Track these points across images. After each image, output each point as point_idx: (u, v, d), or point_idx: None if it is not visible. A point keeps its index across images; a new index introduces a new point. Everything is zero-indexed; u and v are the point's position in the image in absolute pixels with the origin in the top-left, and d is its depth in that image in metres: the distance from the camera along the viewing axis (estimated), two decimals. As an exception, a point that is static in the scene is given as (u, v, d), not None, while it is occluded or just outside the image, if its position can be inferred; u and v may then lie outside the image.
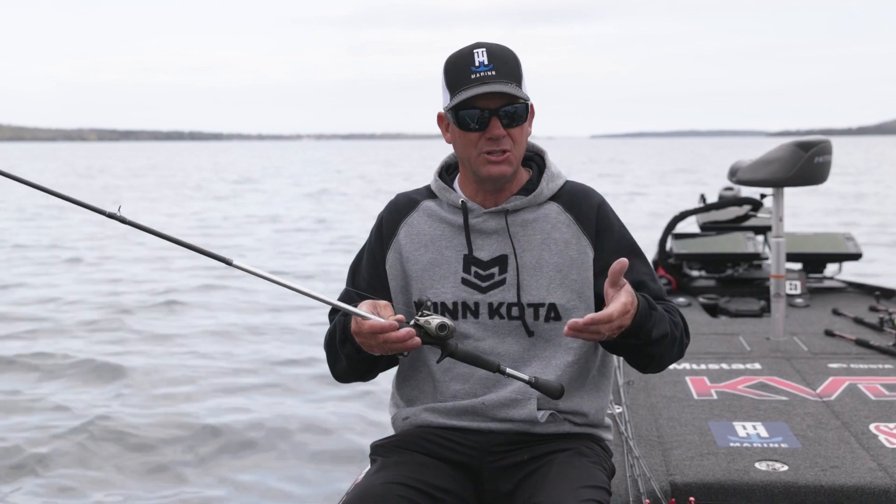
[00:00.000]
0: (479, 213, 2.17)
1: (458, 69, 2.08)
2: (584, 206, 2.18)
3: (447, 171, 2.27)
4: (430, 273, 2.17)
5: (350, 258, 2.37)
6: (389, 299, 2.18)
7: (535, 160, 2.25)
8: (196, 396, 6.26)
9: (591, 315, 1.89)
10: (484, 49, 2.07)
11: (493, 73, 2.05)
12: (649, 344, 2.05)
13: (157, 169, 57.30)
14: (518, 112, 2.08)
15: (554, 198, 2.19)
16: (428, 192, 2.26)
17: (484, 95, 2.05)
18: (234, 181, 39.37)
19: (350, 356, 2.12)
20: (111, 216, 1.90)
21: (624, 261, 1.94)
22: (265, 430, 5.48)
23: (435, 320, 1.93)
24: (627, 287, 1.96)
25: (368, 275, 2.25)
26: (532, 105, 2.15)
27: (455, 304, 2.15)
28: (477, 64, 2.06)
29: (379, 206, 2.37)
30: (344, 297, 2.17)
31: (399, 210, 2.25)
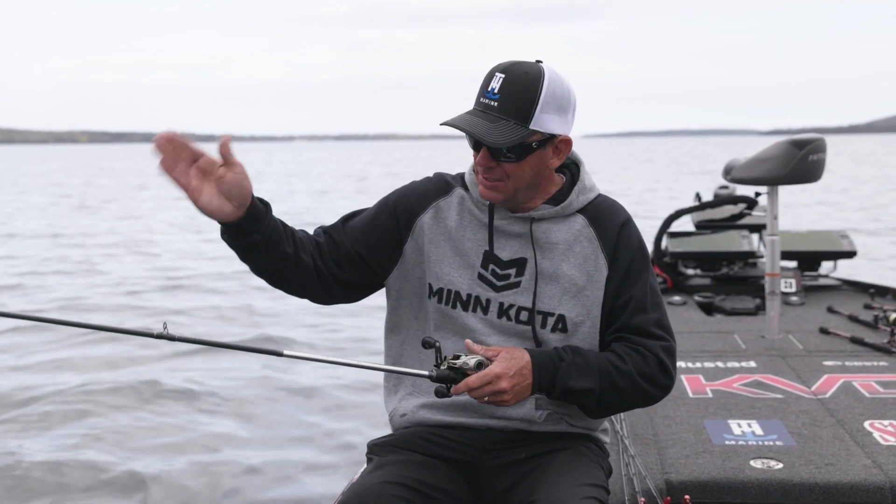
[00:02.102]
0: (505, 216, 2.16)
1: (482, 86, 2.07)
2: (609, 224, 2.16)
3: None
4: (450, 261, 2.17)
5: None
6: (369, 253, 2.18)
7: (571, 169, 2.23)
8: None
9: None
10: (503, 76, 2.03)
11: (496, 104, 2.03)
12: (569, 396, 2.06)
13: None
14: (504, 152, 2.04)
15: (582, 210, 2.17)
16: (463, 181, 2.25)
17: None
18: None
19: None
20: (160, 336, 1.91)
21: (468, 342, 2.01)
22: (260, 428, 5.47)
23: (472, 360, 1.98)
24: (505, 354, 2.00)
25: (362, 225, 2.21)
26: (566, 139, 2.10)
27: (469, 296, 2.15)
28: (489, 89, 2.04)
29: None
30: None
31: (435, 189, 2.23)
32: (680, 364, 4.01)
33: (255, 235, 2.01)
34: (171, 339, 1.92)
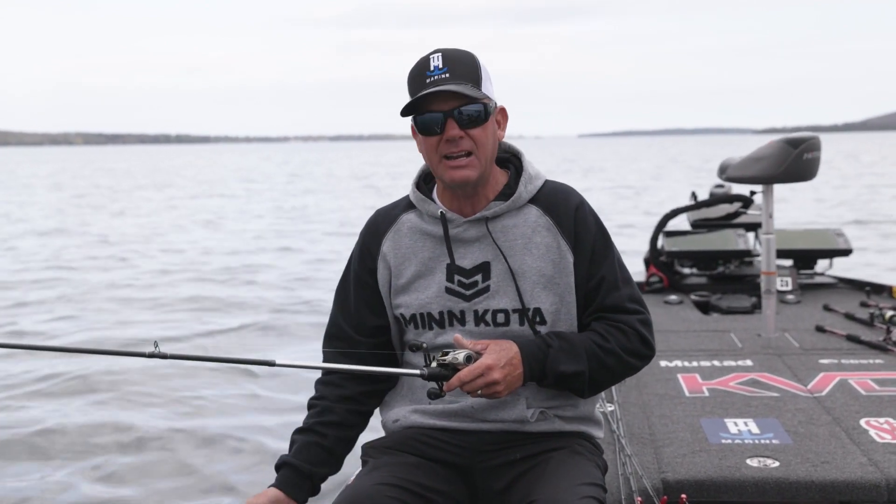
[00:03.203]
0: (459, 223, 2.16)
1: (416, 76, 2.09)
2: (563, 209, 2.17)
3: (425, 181, 2.27)
4: (416, 285, 2.18)
5: None
6: (378, 319, 2.23)
7: (513, 161, 2.23)
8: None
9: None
10: (439, 54, 2.07)
11: (447, 75, 2.05)
12: (561, 381, 2.08)
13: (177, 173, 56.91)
14: (475, 112, 2.06)
15: (533, 200, 2.18)
16: (407, 205, 2.26)
17: (439, 99, 2.05)
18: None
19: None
20: (151, 356, 1.93)
21: (458, 337, 2.04)
22: (253, 429, 5.46)
23: (461, 354, 1.99)
24: (493, 346, 2.02)
25: (356, 297, 2.26)
26: (502, 108, 2.15)
27: (441, 313, 2.15)
28: (432, 68, 2.06)
29: None
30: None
31: (379, 227, 2.26)
32: (676, 363, 4.01)
33: (328, 472, 2.23)
34: (163, 356, 1.93)
